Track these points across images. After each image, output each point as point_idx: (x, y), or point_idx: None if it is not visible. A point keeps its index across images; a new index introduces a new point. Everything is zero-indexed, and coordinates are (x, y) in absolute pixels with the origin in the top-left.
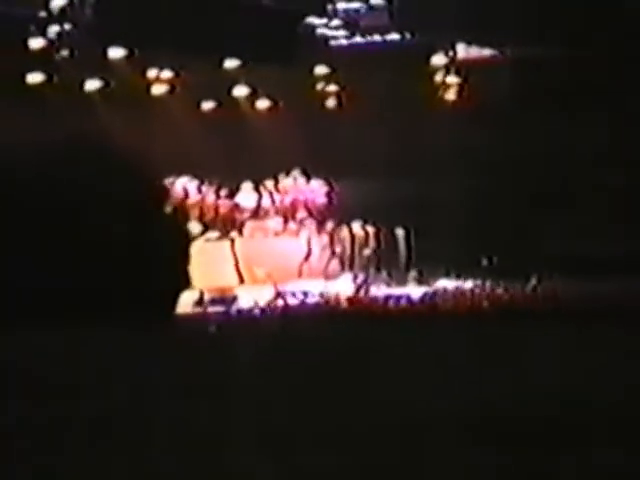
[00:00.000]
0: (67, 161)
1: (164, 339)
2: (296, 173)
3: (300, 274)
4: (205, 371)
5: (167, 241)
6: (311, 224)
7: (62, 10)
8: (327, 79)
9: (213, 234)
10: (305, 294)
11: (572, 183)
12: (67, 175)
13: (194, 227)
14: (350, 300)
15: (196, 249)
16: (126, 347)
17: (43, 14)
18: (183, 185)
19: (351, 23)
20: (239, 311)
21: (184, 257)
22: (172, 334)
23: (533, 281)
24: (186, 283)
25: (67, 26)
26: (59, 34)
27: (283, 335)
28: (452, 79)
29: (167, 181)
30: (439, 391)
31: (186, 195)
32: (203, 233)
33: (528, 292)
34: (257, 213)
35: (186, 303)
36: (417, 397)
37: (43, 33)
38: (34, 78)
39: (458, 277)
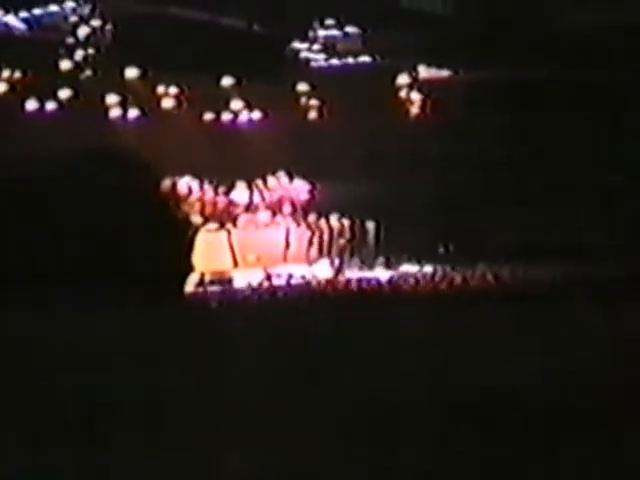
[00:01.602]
0: (90, 164)
1: (172, 314)
2: (282, 174)
3: (285, 259)
4: (207, 339)
5: (174, 232)
6: (295, 217)
7: (87, 37)
8: (308, 95)
9: (212, 225)
10: (290, 276)
11: (517, 181)
12: (90, 175)
13: (196, 219)
14: (328, 282)
15: (198, 238)
16: (142, 321)
17: (71, 40)
18: (187, 183)
19: (329, 47)
20: (234, 290)
21: (189, 245)
22: (179, 310)
23: (482, 266)
24: (190, 267)
25: (91, 50)
26: (84, 57)
27: (271, 310)
28: (415, 95)
29: (173, 180)
30: (399, 359)
31: (189, 192)
32: (204, 224)
33: (478, 276)
34: (249, 208)
35: (189, 284)
36: (382, 364)
37: (71, 56)
38: (63, 94)
39: (419, 263)
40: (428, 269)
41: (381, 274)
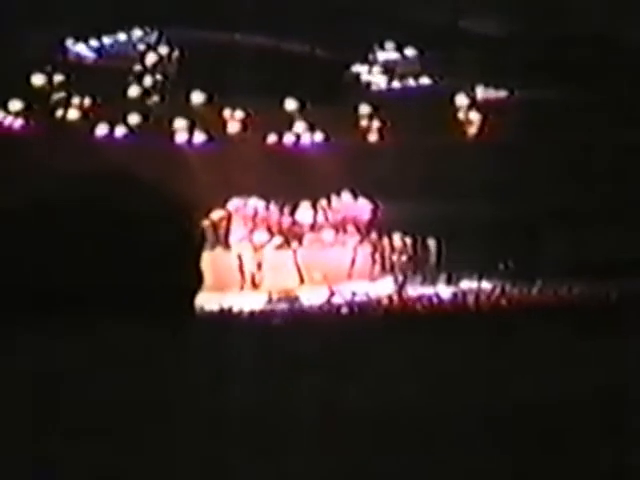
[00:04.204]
0: (153, 182)
1: (241, 330)
2: (346, 193)
3: (350, 277)
4: (278, 354)
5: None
6: (358, 236)
7: (154, 64)
8: (369, 116)
9: (278, 245)
10: (354, 293)
11: (575, 199)
12: (155, 191)
13: (262, 237)
14: (391, 298)
15: (265, 259)
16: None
17: (139, 67)
18: (254, 205)
19: (389, 70)
20: (301, 307)
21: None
22: (250, 326)
23: (540, 282)
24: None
25: (158, 77)
26: (152, 83)
27: (336, 325)
28: (473, 116)
29: (240, 201)
30: (459, 370)
31: (256, 213)
32: (269, 242)
33: (537, 291)
34: (314, 227)
35: (258, 302)
36: (444, 377)
37: (139, 83)
38: (132, 119)
39: (480, 279)
40: (488, 285)
41: (443, 291)
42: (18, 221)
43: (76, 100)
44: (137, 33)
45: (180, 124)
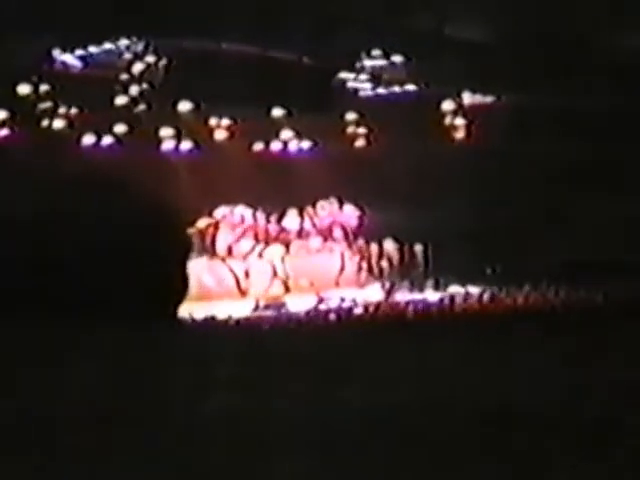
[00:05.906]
0: (140, 191)
1: (228, 337)
2: (332, 200)
3: (337, 284)
4: (263, 360)
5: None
6: (345, 242)
7: (141, 73)
8: (356, 123)
9: (265, 252)
10: (342, 300)
11: (562, 203)
12: (140, 198)
13: (247, 245)
14: (378, 304)
15: (252, 266)
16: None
17: (125, 76)
18: (240, 213)
19: (375, 77)
20: (288, 315)
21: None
22: (236, 333)
23: (527, 287)
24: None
25: (145, 86)
26: (139, 92)
27: (324, 332)
28: (459, 121)
29: (227, 209)
30: (446, 373)
31: (242, 221)
32: (253, 250)
33: (524, 296)
34: (301, 234)
35: (245, 309)
36: (427, 379)
37: (125, 92)
38: (119, 129)
39: (467, 284)
40: (475, 290)
41: (430, 296)
42: (1, 228)
43: (62, 109)
44: (124, 42)
45: (167, 133)
